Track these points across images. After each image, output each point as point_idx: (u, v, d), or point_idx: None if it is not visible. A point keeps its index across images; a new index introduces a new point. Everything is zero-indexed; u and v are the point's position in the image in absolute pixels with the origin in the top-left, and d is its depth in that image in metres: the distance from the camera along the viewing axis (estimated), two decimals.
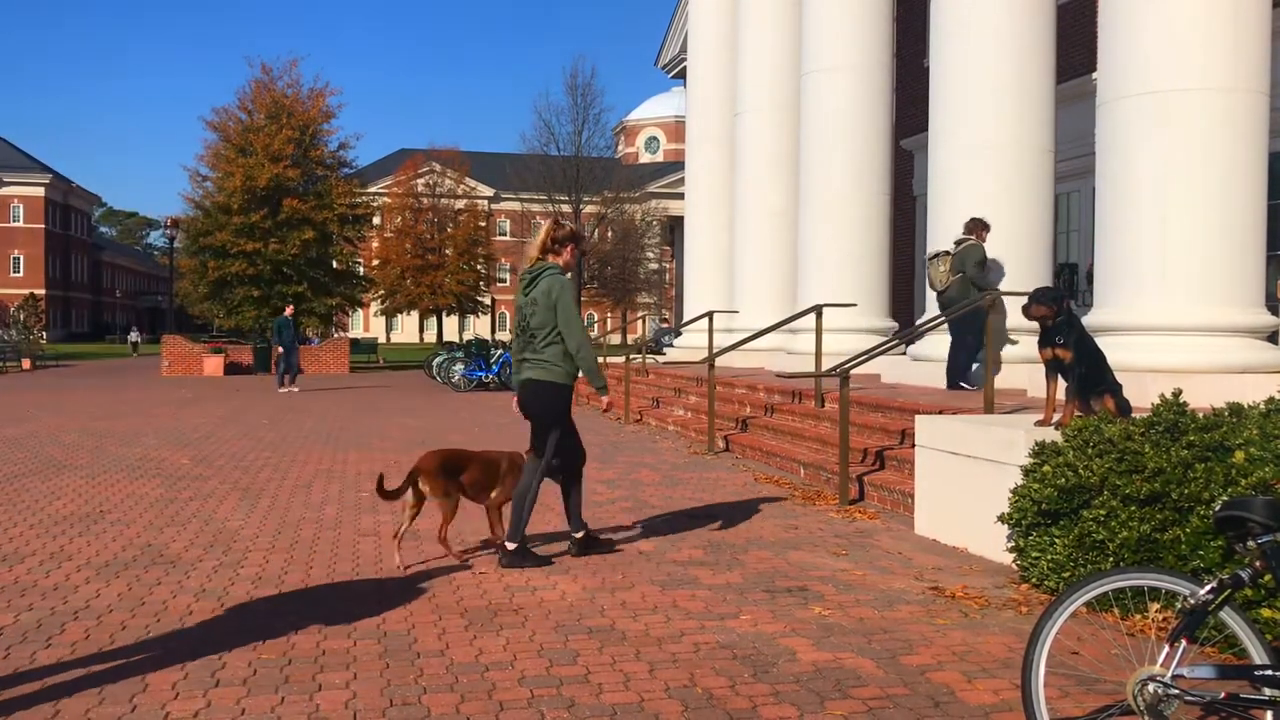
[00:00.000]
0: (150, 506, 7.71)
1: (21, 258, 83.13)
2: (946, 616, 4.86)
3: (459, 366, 22.18)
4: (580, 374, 5.93)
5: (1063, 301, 5.80)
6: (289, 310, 24.79)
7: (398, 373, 32.28)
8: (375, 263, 56.95)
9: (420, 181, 61.79)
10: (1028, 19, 10.22)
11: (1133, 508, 4.78)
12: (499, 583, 5.45)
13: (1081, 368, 5.77)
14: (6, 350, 34.32)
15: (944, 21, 10.61)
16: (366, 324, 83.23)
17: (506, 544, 5.85)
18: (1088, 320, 8.16)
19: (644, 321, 27.83)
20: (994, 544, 5.90)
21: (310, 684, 3.93)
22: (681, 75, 24.98)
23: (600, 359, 20.90)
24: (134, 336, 58.24)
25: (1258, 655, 2.98)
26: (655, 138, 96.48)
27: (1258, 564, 2.90)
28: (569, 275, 5.99)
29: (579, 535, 6.10)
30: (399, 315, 70.46)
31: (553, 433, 5.92)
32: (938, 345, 10.52)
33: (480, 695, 3.83)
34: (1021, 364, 9.39)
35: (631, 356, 16.36)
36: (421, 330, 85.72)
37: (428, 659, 4.22)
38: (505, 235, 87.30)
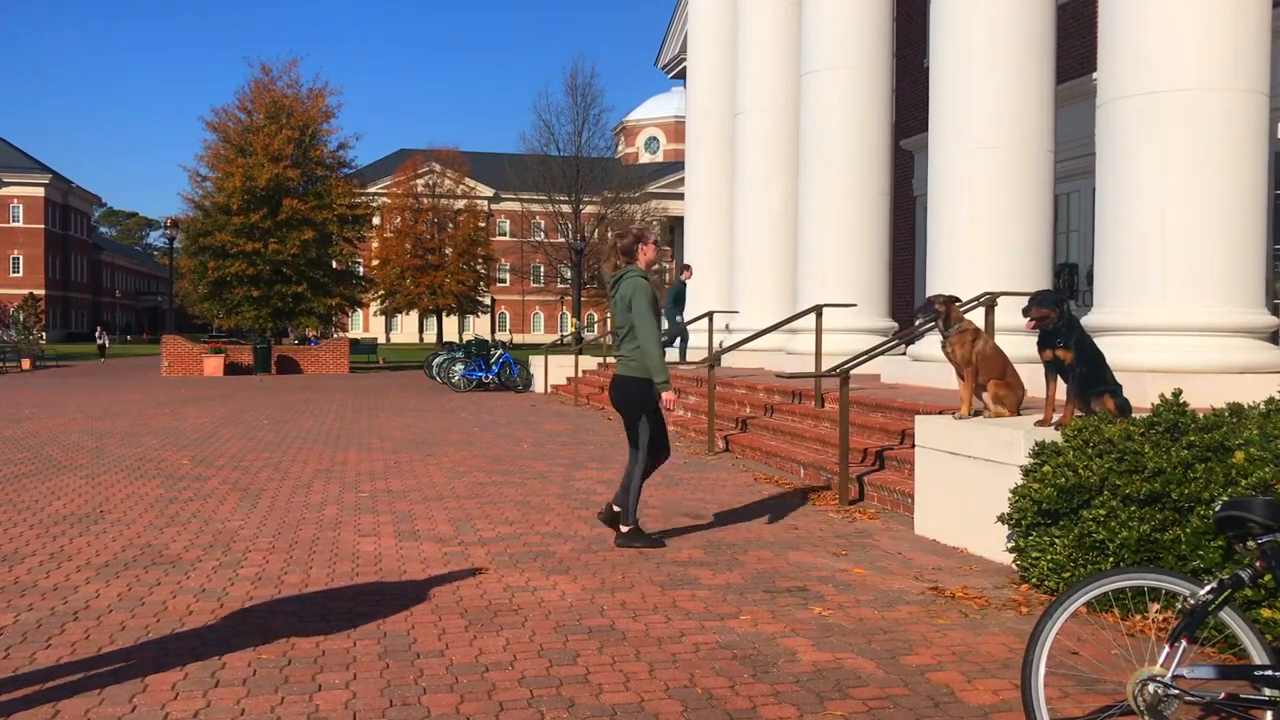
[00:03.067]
0: (150, 506, 7.71)
1: (21, 258, 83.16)
2: (946, 617, 4.86)
3: (459, 367, 22.19)
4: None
5: (1063, 304, 5.81)
6: (687, 274, 18.16)
7: (397, 373, 32.27)
8: (375, 263, 57.00)
9: (420, 182, 61.85)
10: (1028, 19, 10.23)
11: (1133, 508, 4.78)
12: (499, 583, 5.45)
13: (1081, 368, 5.78)
14: (6, 350, 34.35)
15: (944, 21, 10.61)
16: (366, 324, 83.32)
17: (621, 526, 6.30)
18: (1087, 320, 8.17)
19: None
20: (994, 544, 5.90)
21: (310, 684, 3.93)
22: (681, 75, 25.00)
23: (602, 359, 20.98)
24: (100, 339, 47.18)
25: (1258, 655, 2.98)
26: (655, 138, 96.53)
27: (1258, 564, 2.90)
28: (650, 275, 6.41)
29: (626, 527, 6.31)
30: (398, 315, 70.55)
31: (639, 423, 6.28)
32: (938, 345, 10.50)
33: (480, 695, 3.83)
34: (1021, 364, 9.37)
35: None
36: (421, 330, 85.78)
37: (427, 659, 4.22)
38: (505, 235, 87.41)
